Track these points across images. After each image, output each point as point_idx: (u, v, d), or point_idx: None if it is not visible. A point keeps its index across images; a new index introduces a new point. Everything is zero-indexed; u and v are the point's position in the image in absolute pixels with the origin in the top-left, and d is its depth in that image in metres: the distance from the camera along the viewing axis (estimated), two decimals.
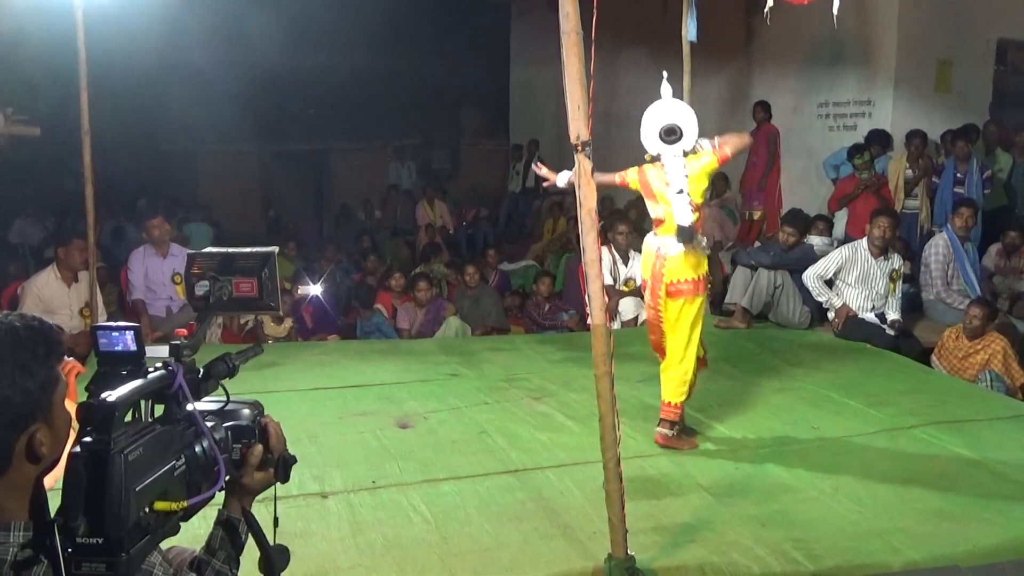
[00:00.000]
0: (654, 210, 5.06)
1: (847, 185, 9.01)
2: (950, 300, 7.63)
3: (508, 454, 4.82)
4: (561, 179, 5.25)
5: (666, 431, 4.93)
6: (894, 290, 7.44)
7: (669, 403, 4.97)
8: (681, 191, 4.86)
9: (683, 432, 5.04)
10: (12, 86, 8.80)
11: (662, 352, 5.12)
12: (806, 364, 6.70)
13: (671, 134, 5.02)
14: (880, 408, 5.58)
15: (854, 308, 7.39)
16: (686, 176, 4.90)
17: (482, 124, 19.20)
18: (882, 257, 7.39)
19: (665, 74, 5.27)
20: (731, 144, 5.11)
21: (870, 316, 7.38)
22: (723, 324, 7.76)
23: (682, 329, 4.93)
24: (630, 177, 5.15)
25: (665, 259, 4.92)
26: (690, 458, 4.77)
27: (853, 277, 7.41)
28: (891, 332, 7.24)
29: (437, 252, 10.90)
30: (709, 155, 5.01)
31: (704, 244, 5.06)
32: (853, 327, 7.33)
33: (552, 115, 14.22)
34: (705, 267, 4.95)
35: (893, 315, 7.37)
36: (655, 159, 5.08)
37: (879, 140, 9.35)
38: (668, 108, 5.14)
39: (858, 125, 10.06)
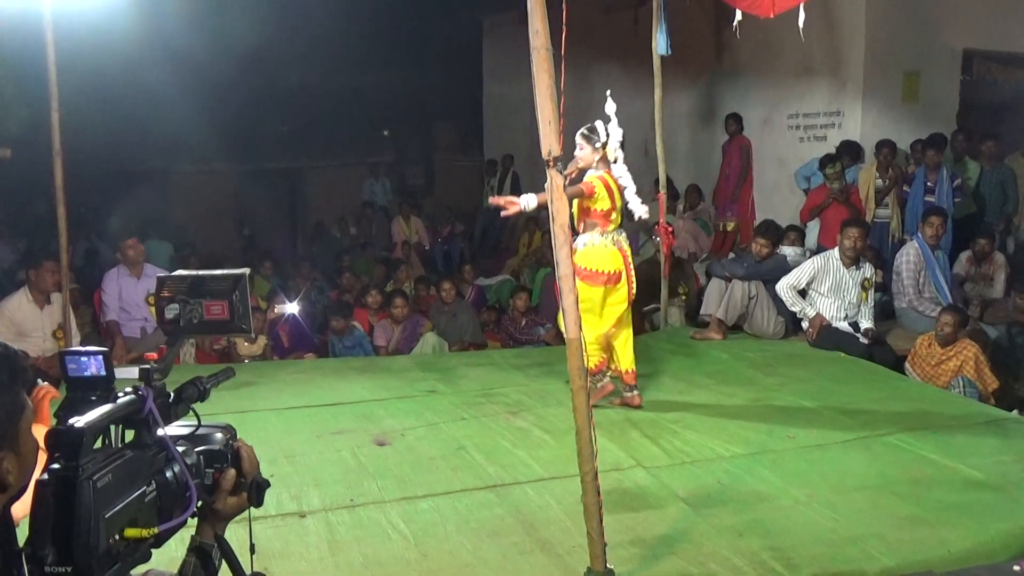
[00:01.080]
0: (607, 210, 5.67)
1: (818, 195, 9.08)
2: (922, 308, 7.70)
3: (486, 469, 4.81)
4: (528, 202, 5.39)
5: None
6: (866, 299, 7.51)
7: (630, 371, 5.82)
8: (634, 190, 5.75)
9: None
10: None
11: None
12: (781, 374, 6.74)
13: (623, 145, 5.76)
14: (854, 416, 5.62)
15: (827, 318, 7.45)
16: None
17: (456, 140, 19.23)
18: (854, 267, 7.45)
19: (609, 92, 5.71)
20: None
21: (843, 325, 7.43)
22: (698, 336, 7.80)
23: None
24: (597, 184, 5.61)
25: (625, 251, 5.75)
26: (667, 469, 4.78)
27: (826, 287, 7.47)
28: (864, 340, 7.30)
29: (398, 267, 10.86)
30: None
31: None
32: (827, 336, 7.38)
33: (525, 130, 14.21)
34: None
35: (866, 324, 7.44)
36: (612, 163, 5.76)
37: (850, 151, 9.45)
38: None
39: (828, 136, 10.15)
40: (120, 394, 1.61)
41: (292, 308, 8.32)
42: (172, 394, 1.74)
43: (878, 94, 9.82)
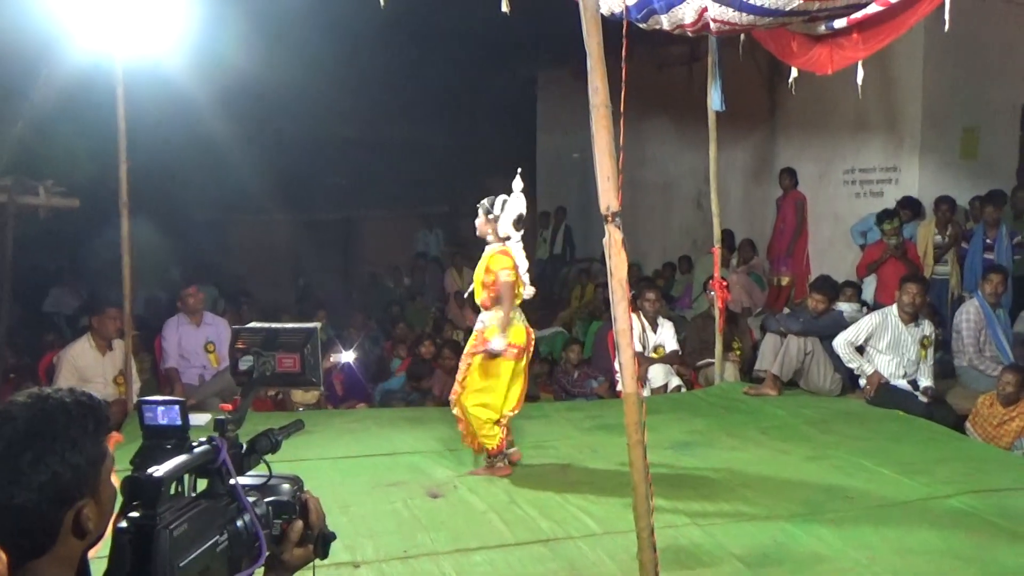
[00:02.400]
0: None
1: (875, 251, 9.00)
2: (983, 367, 7.55)
3: (539, 523, 4.79)
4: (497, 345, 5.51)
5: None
6: (925, 356, 7.39)
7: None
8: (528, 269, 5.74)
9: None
10: (52, 159, 9.00)
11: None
12: (838, 432, 6.64)
13: (520, 223, 5.69)
14: (914, 477, 5.51)
15: (885, 375, 7.34)
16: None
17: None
18: (912, 323, 7.35)
19: (519, 170, 5.71)
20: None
21: (902, 383, 7.32)
22: (753, 391, 7.72)
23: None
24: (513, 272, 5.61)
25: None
26: (722, 527, 4.73)
27: (884, 344, 7.37)
28: (924, 399, 7.18)
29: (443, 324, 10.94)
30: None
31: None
32: (885, 394, 7.27)
33: (579, 183, 14.40)
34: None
35: (925, 382, 7.32)
36: (504, 240, 5.65)
37: (910, 207, 9.36)
38: (521, 201, 5.70)
39: (885, 191, 10.09)
40: (194, 444, 1.65)
41: (347, 357, 8.41)
42: (245, 445, 1.78)
43: (936, 150, 9.76)
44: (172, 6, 6.41)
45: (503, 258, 5.54)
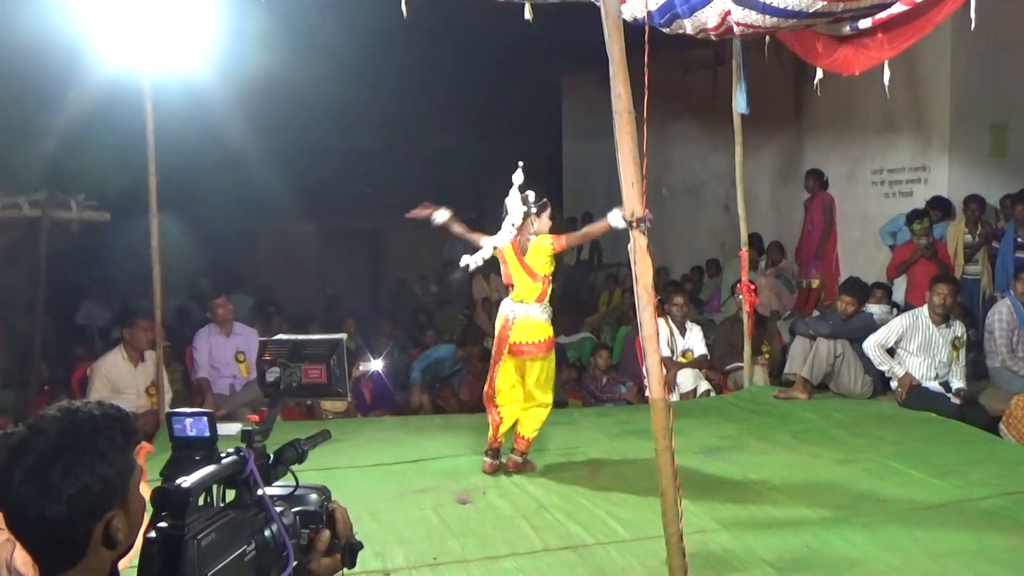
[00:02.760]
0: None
1: (905, 252, 8.93)
2: (1016, 367, 7.47)
3: (568, 529, 4.79)
4: (439, 216, 6.15)
5: (518, 458, 5.75)
6: (957, 358, 7.32)
7: (526, 437, 5.74)
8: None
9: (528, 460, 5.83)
10: (83, 173, 9.12)
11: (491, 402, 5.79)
12: (869, 435, 6.59)
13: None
14: (947, 479, 5.46)
15: (917, 377, 7.28)
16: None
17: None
18: (944, 324, 7.28)
19: (520, 163, 5.82)
20: (573, 237, 6.02)
21: (934, 385, 7.26)
22: (783, 395, 7.67)
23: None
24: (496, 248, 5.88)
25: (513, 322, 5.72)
26: (753, 532, 4.70)
27: (915, 345, 7.30)
28: (956, 401, 7.11)
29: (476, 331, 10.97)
30: (549, 242, 5.77)
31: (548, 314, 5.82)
32: (917, 396, 7.20)
33: (604, 189, 14.36)
34: (550, 332, 5.78)
35: (957, 383, 7.25)
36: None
37: (940, 206, 9.28)
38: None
39: (914, 191, 10.00)
40: (223, 455, 1.67)
41: (376, 366, 8.45)
42: (272, 455, 1.79)
43: (965, 148, 9.66)
44: (199, 20, 6.47)
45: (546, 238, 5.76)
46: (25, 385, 8.93)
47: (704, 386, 8.18)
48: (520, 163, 5.78)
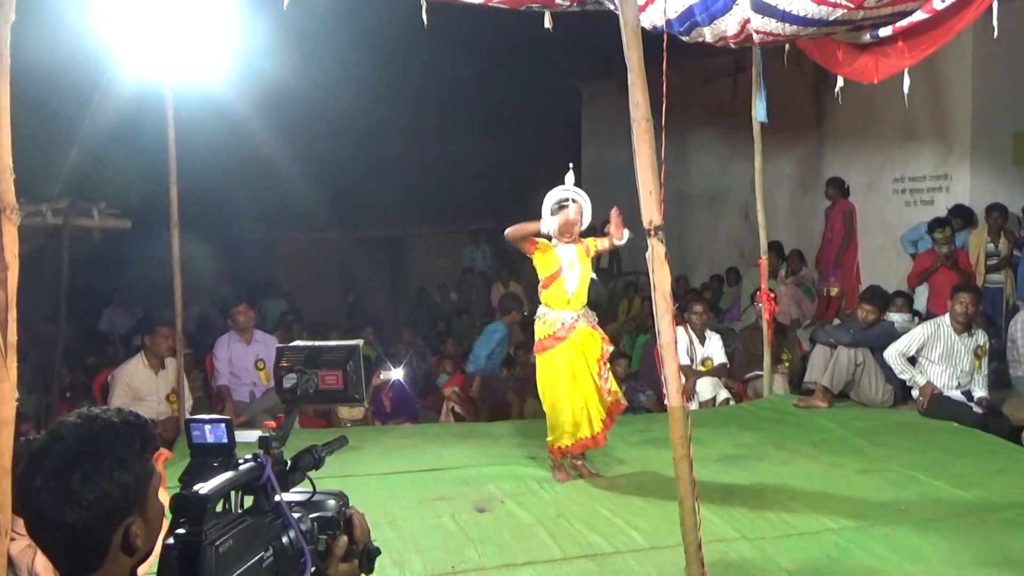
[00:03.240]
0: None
1: (926, 260, 8.88)
2: None
3: (586, 538, 4.78)
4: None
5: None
6: (979, 367, 7.26)
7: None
8: (572, 261, 5.60)
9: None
10: (105, 182, 9.21)
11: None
12: (890, 444, 6.54)
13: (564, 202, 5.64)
14: (969, 489, 5.41)
15: (939, 386, 7.23)
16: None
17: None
18: (966, 333, 7.23)
19: (571, 165, 5.74)
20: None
21: (956, 394, 7.20)
22: (803, 403, 7.63)
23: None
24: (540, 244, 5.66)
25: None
26: (772, 542, 4.68)
27: (936, 354, 7.25)
28: (978, 410, 7.05)
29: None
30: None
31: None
32: (938, 405, 7.15)
33: (624, 196, 14.34)
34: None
35: (980, 392, 7.19)
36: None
37: (961, 215, 9.22)
38: (566, 189, 5.72)
39: (935, 200, 9.95)
40: (240, 461, 1.68)
41: (397, 374, 8.47)
42: (289, 462, 1.81)
43: (987, 156, 9.60)
44: (221, 31, 6.51)
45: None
46: (47, 391, 9.01)
47: (724, 395, 8.15)
48: (571, 164, 5.77)
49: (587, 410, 5.64)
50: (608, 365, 5.70)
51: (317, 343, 2.03)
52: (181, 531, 1.50)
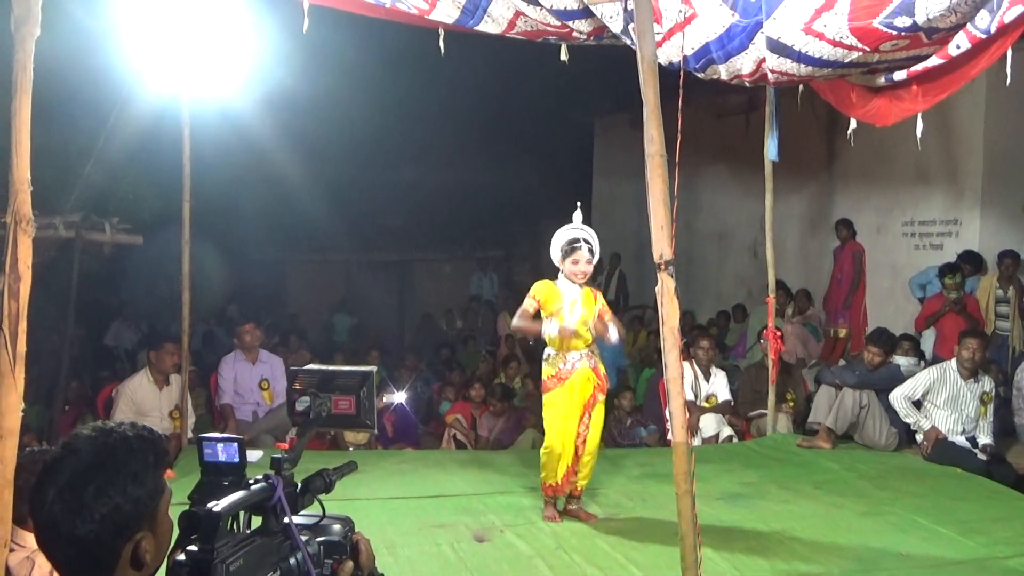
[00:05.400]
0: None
1: (934, 304, 8.87)
2: None
3: (585, 571, 4.76)
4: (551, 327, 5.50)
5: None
6: (985, 413, 7.24)
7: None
8: (575, 299, 5.48)
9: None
10: (119, 197, 9.27)
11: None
12: (893, 488, 6.50)
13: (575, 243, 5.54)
14: (972, 536, 5.37)
15: (943, 431, 7.20)
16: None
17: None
18: (972, 379, 7.21)
19: (579, 203, 5.67)
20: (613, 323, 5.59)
21: (960, 440, 7.17)
22: (806, 443, 7.60)
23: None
24: (538, 296, 5.57)
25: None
26: None
27: (942, 399, 7.23)
28: (983, 457, 7.02)
29: (509, 363, 10.95)
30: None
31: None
32: (943, 450, 7.12)
33: (634, 230, 14.40)
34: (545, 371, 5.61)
35: (985, 439, 7.16)
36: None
37: (971, 261, 9.22)
38: (576, 228, 5.63)
39: (944, 244, 9.96)
40: (251, 481, 1.69)
41: (399, 398, 8.46)
42: (299, 484, 1.81)
43: (998, 203, 9.62)
44: (239, 50, 6.57)
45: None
46: (51, 404, 9.01)
47: (727, 432, 8.12)
48: (579, 203, 5.70)
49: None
50: (588, 420, 5.58)
51: (331, 367, 2.04)
52: (192, 548, 1.50)
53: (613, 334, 5.46)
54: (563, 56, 6.31)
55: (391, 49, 9.78)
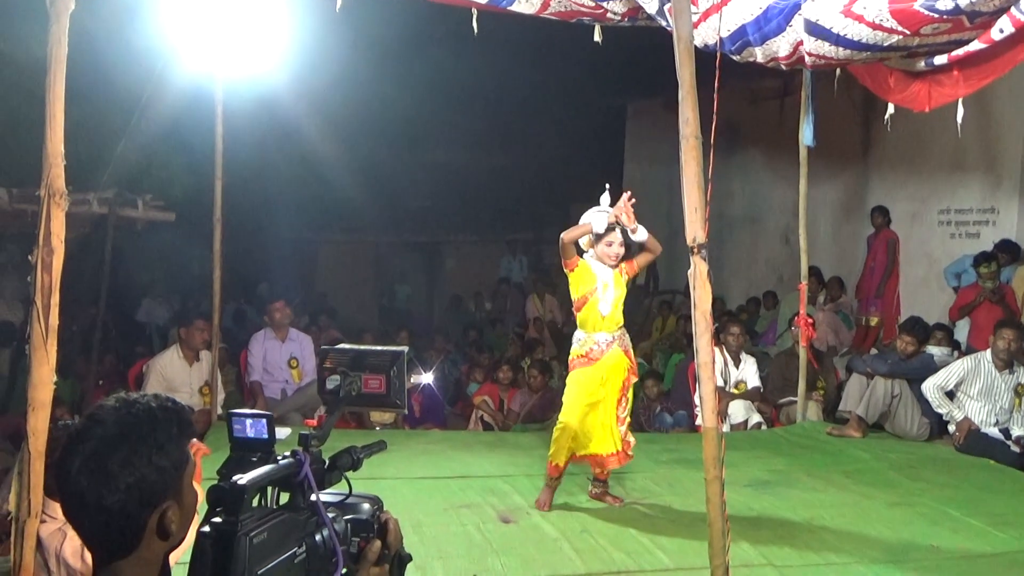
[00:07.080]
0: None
1: (969, 294, 8.75)
2: None
3: (611, 555, 4.74)
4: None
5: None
6: (1019, 405, 7.14)
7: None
8: (607, 283, 5.46)
9: None
10: (152, 174, 9.33)
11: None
12: (924, 478, 6.44)
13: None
14: (1004, 529, 5.31)
15: (976, 422, 7.12)
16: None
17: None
18: (1007, 370, 7.12)
19: (608, 186, 5.60)
20: (641, 259, 5.71)
21: (993, 431, 7.08)
22: (837, 432, 7.54)
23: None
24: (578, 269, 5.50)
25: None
26: (799, 570, 4.62)
27: (976, 390, 7.15)
28: (1016, 449, 6.93)
29: (535, 346, 10.97)
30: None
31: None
32: (975, 442, 7.04)
33: (664, 213, 14.31)
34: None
35: (1018, 431, 7.07)
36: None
37: (1008, 250, 9.08)
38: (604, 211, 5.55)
39: (981, 233, 9.81)
40: (280, 457, 1.69)
41: (427, 378, 8.48)
42: (327, 461, 1.81)
43: None
44: (273, 30, 6.57)
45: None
46: (83, 378, 9.12)
47: (756, 419, 8.07)
48: (607, 185, 5.64)
49: (608, 428, 5.53)
50: (627, 403, 5.56)
51: (362, 347, 2.04)
52: (217, 519, 1.50)
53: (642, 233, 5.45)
54: (597, 37, 6.25)
55: (424, 29, 9.74)
